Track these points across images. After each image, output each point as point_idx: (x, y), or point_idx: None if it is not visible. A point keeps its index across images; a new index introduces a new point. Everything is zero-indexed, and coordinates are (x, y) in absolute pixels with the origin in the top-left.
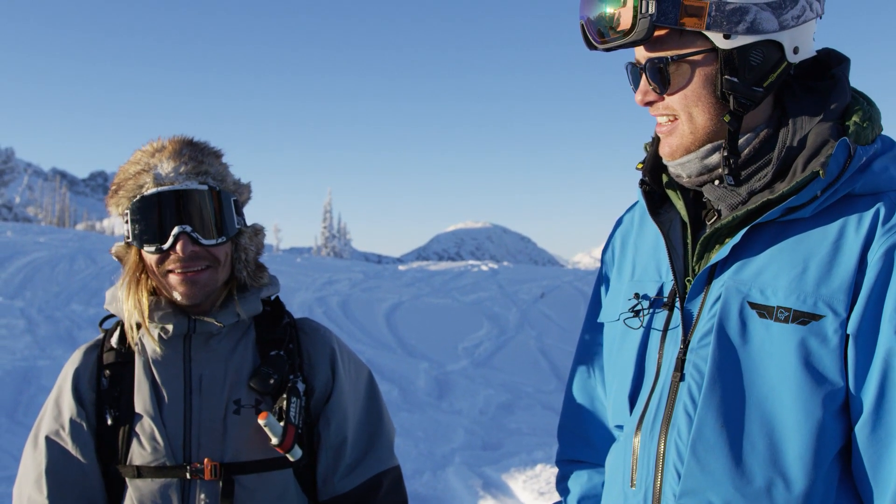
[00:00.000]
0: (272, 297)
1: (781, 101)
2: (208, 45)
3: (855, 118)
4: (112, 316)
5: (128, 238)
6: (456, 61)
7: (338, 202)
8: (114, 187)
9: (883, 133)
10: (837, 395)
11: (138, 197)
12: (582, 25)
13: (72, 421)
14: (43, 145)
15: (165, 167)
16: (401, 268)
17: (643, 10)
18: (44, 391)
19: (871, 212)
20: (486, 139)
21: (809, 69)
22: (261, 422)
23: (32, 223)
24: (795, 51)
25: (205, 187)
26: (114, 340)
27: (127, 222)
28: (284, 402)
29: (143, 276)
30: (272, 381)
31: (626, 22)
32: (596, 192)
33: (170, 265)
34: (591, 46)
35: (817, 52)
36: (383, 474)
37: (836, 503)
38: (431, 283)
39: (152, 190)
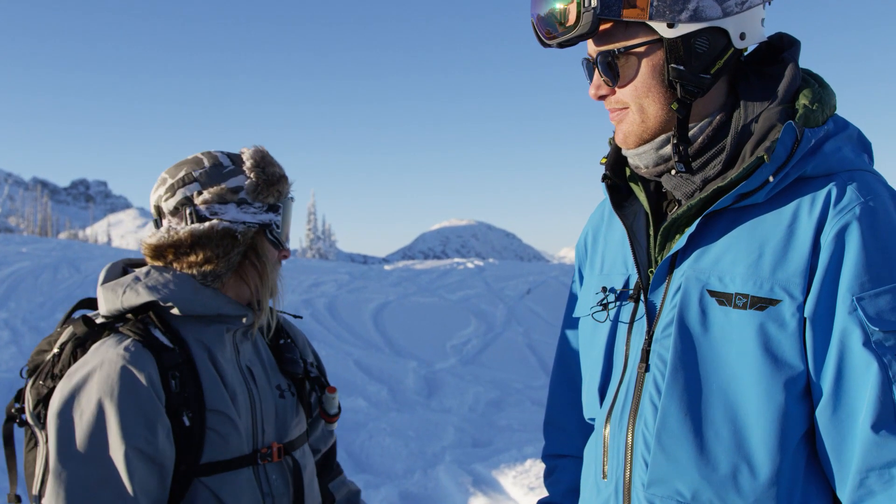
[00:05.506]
0: None
1: (736, 88)
2: (187, 51)
3: (804, 101)
4: (79, 307)
5: (276, 230)
6: (437, 59)
7: (322, 204)
8: (261, 180)
9: (836, 114)
10: (798, 378)
11: (289, 197)
12: (533, 23)
13: (158, 429)
14: (23, 155)
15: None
16: (387, 268)
17: (586, 5)
18: None
19: (822, 193)
20: (468, 137)
21: (763, 54)
22: (330, 396)
23: (14, 233)
24: (742, 37)
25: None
26: (161, 338)
27: (269, 215)
28: (317, 382)
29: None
30: (301, 366)
31: (571, 17)
32: (580, 186)
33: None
34: (543, 44)
35: (769, 36)
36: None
37: (805, 487)
38: (418, 282)
39: (292, 195)
